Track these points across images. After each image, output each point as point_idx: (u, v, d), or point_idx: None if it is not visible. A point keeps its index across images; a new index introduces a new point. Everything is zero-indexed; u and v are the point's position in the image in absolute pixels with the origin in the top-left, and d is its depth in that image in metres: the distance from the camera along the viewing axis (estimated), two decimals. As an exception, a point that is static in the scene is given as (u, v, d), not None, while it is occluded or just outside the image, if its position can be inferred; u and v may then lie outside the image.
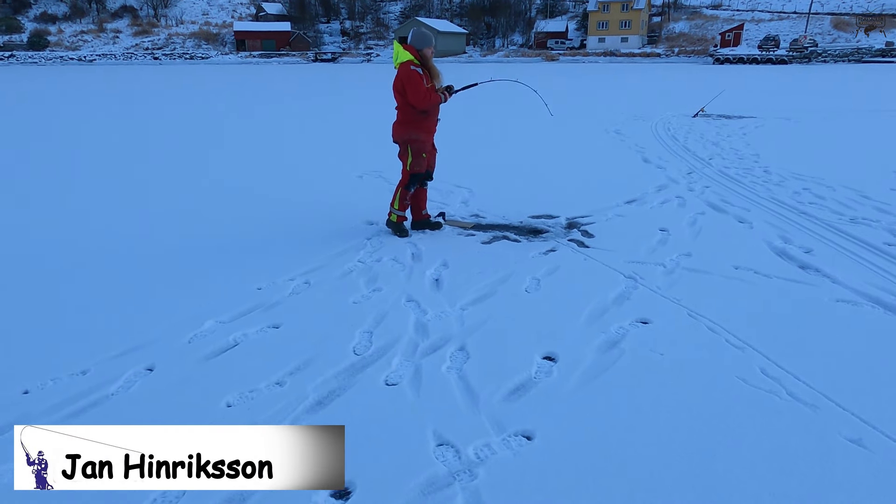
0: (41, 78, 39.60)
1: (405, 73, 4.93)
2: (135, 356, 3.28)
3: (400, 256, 4.86)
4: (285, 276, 4.44)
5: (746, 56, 60.64)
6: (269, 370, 3.12)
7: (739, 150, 9.83)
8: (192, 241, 5.33)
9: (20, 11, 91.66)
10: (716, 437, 2.57)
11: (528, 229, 5.62)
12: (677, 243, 5.15)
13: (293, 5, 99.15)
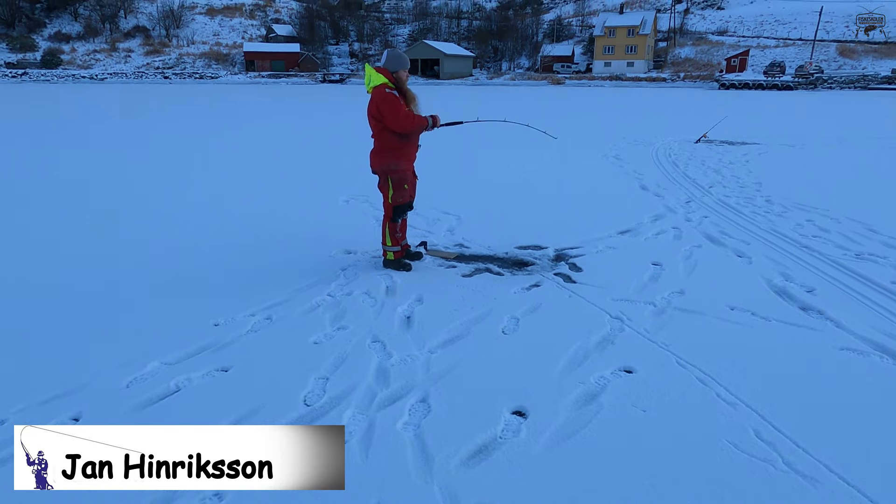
0: (36, 95, 39.96)
1: (380, 96, 4.66)
2: (62, 403, 2.98)
3: (373, 290, 4.56)
4: (247, 310, 4.15)
5: (752, 81, 60.65)
6: (206, 422, 2.81)
7: (741, 178, 9.54)
8: (149, 269, 5.04)
9: (35, 30, 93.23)
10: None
11: (514, 261, 5.32)
12: (670, 279, 4.83)
13: (303, 27, 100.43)
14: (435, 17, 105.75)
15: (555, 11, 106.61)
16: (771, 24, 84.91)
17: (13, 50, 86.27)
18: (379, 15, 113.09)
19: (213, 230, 6.35)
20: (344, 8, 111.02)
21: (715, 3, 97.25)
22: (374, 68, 4.78)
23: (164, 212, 7.17)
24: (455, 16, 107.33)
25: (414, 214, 6.86)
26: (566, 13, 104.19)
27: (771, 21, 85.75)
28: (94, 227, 6.49)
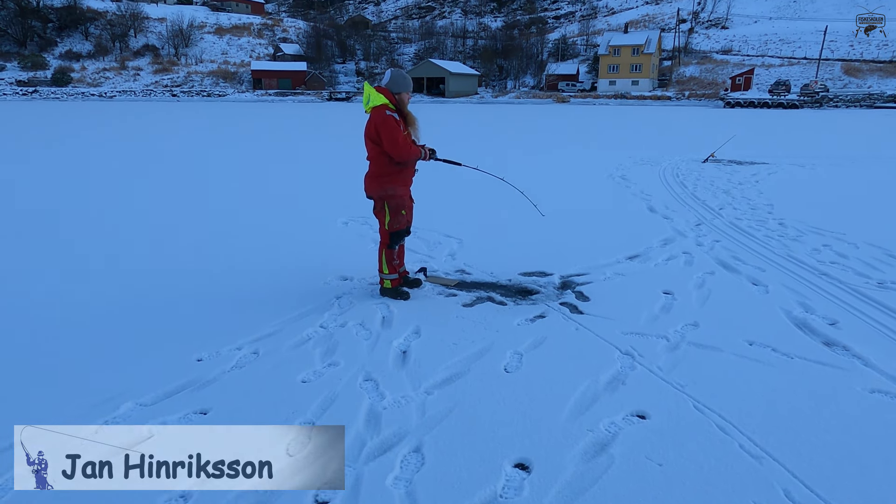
0: (35, 113, 40.23)
1: (380, 118, 4.45)
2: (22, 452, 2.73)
3: (368, 321, 4.31)
4: (233, 342, 3.90)
5: (757, 100, 60.64)
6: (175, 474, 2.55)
7: (752, 200, 9.29)
8: (135, 296, 4.80)
9: (46, 49, 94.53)
10: None
11: (517, 289, 5.07)
12: (683, 310, 4.57)
13: (310, 46, 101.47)
14: (441, 37, 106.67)
15: (560, 31, 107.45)
16: (775, 44, 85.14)
17: (24, 68, 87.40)
18: (385, 34, 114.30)
19: (203, 253, 6.14)
20: (351, 27, 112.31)
21: (719, 22, 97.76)
22: (375, 88, 4.58)
23: (151, 232, 6.97)
24: (461, 35, 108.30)
25: (414, 238, 6.66)
26: (571, 32, 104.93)
27: (775, 40, 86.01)
28: (71, 248, 6.28)
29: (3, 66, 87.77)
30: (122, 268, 5.62)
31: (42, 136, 21.22)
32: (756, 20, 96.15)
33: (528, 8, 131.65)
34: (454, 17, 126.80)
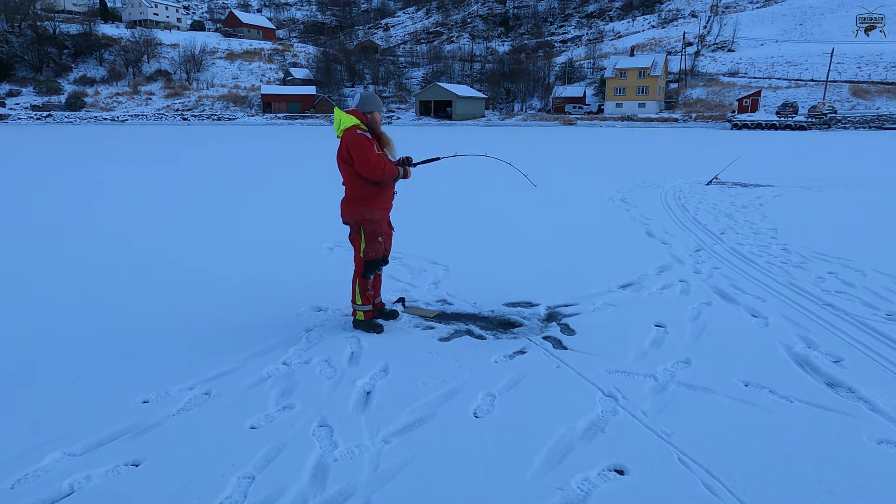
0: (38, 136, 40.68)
1: (351, 137, 4.24)
2: (-75, 511, 2.46)
3: (335, 357, 4.03)
4: (185, 381, 3.63)
5: (765, 122, 60.38)
6: (87, 543, 2.27)
7: (755, 224, 8.97)
8: (86, 327, 4.56)
9: (61, 75, 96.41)
10: None
11: (499, 321, 4.78)
12: (675, 345, 4.25)
13: (320, 71, 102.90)
14: (448, 61, 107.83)
15: (566, 54, 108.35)
16: (782, 66, 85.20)
17: (40, 93, 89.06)
18: (394, 58, 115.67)
19: (170, 280, 5.89)
20: (360, 52, 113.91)
21: (725, 45, 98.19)
22: (345, 111, 4.38)
23: (121, 255, 6.75)
24: (468, 59, 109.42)
25: (398, 265, 6.41)
26: (577, 56, 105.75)
27: (782, 62, 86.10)
28: (20, 271, 6.08)
29: (19, 91, 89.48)
30: (76, 294, 5.39)
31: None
32: (762, 43, 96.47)
33: (535, 32, 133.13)
34: (462, 42, 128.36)
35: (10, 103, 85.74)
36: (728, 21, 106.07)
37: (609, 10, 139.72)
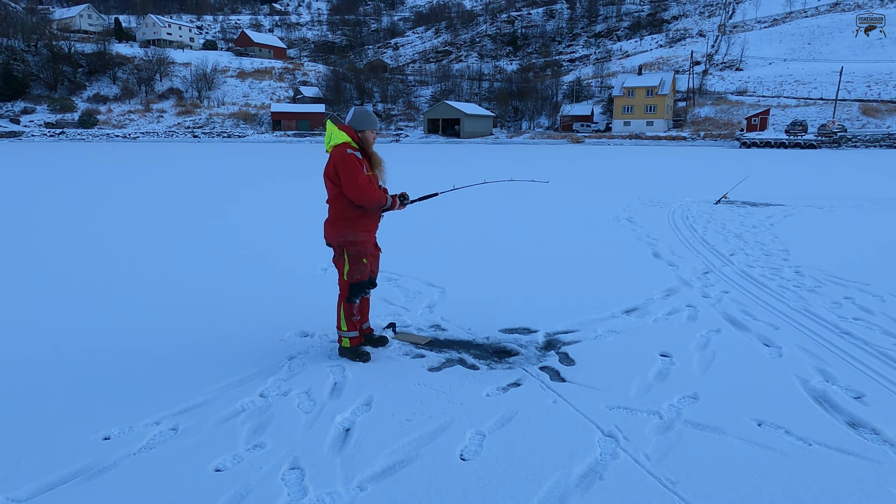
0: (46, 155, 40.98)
1: (339, 156, 4.03)
2: None
3: (316, 388, 3.77)
4: (153, 415, 3.38)
5: (774, 140, 60.06)
6: None
7: (766, 245, 8.66)
8: (52, 354, 4.32)
9: (75, 93, 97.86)
10: None
11: (494, 349, 4.51)
12: (681, 378, 3.96)
13: (329, 89, 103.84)
14: (457, 79, 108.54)
15: (574, 73, 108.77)
16: (791, 85, 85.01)
17: (53, 111, 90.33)
18: (403, 77, 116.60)
19: (152, 302, 5.67)
20: (369, 71, 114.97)
21: (734, 64, 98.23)
22: (337, 126, 4.18)
23: (101, 271, 6.55)
24: (476, 78, 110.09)
25: (393, 287, 6.16)
26: (585, 75, 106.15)
27: (791, 81, 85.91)
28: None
29: (34, 109, 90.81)
30: (44, 317, 5.17)
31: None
32: (771, 62, 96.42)
33: (543, 51, 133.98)
34: (470, 61, 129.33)
35: (24, 120, 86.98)
36: (736, 40, 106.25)
37: (617, 30, 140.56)
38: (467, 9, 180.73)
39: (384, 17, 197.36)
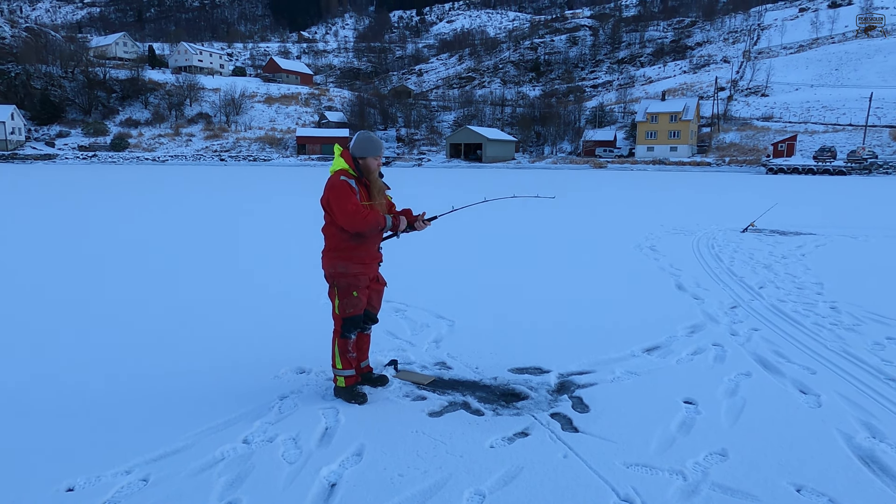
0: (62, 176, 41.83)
1: (331, 184, 3.80)
2: None
3: (304, 434, 3.47)
4: (124, 463, 3.11)
5: (802, 166, 58.90)
6: None
7: (797, 277, 8.19)
8: (20, 391, 4.09)
9: (108, 117, 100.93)
10: None
11: (502, 392, 4.16)
12: (708, 430, 3.57)
13: (353, 114, 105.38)
14: (479, 105, 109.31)
15: (597, 98, 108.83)
16: (818, 110, 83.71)
17: (87, 134, 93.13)
18: (426, 102, 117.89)
19: (145, 325, 5.45)
20: (393, 96, 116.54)
21: (759, 90, 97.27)
22: (341, 151, 3.96)
23: (88, 293, 6.37)
24: (499, 103, 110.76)
25: (401, 318, 5.88)
26: (608, 100, 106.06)
27: (818, 107, 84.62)
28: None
29: (69, 133, 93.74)
30: (27, 339, 4.98)
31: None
32: (797, 88, 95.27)
33: (565, 77, 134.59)
34: (493, 87, 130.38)
35: (59, 143, 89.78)
36: (761, 66, 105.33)
37: (640, 56, 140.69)
38: (491, 36, 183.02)
39: (409, 44, 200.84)
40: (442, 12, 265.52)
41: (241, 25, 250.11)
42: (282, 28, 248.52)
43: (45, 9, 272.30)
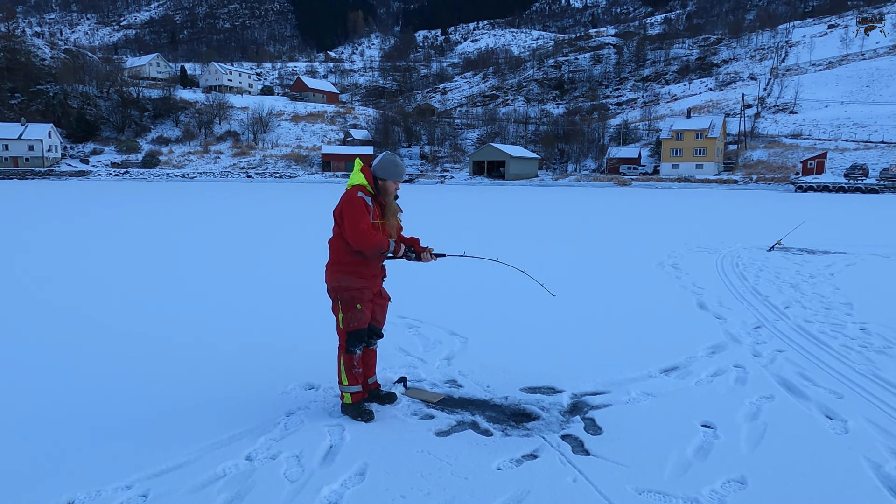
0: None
1: (347, 197, 3.78)
2: None
3: (308, 452, 3.41)
4: (125, 478, 3.09)
5: (832, 184, 57.65)
6: None
7: (825, 297, 7.91)
8: (21, 404, 4.11)
9: (140, 135, 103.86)
10: None
11: (512, 411, 4.06)
12: (726, 456, 3.41)
13: (378, 132, 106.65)
14: (503, 122, 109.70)
15: (621, 116, 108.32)
16: (849, 127, 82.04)
17: (120, 151, 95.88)
18: (450, 120, 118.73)
19: (154, 338, 5.47)
20: (418, 114, 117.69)
21: (787, 107, 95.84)
22: (363, 166, 3.94)
23: (97, 308, 6.43)
24: (523, 121, 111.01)
25: (413, 334, 5.82)
26: (633, 118, 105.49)
27: (849, 124, 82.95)
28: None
29: (102, 150, 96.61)
30: (31, 348, 5.02)
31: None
32: (827, 105, 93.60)
33: (589, 95, 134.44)
34: (517, 105, 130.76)
35: (93, 161, 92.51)
36: (789, 83, 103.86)
37: (665, 74, 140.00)
38: (515, 55, 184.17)
39: (434, 63, 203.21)
40: (466, 31, 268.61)
41: (269, 46, 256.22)
42: (309, 48, 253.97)
43: (84, 31, 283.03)
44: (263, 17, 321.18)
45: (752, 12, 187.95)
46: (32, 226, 17.03)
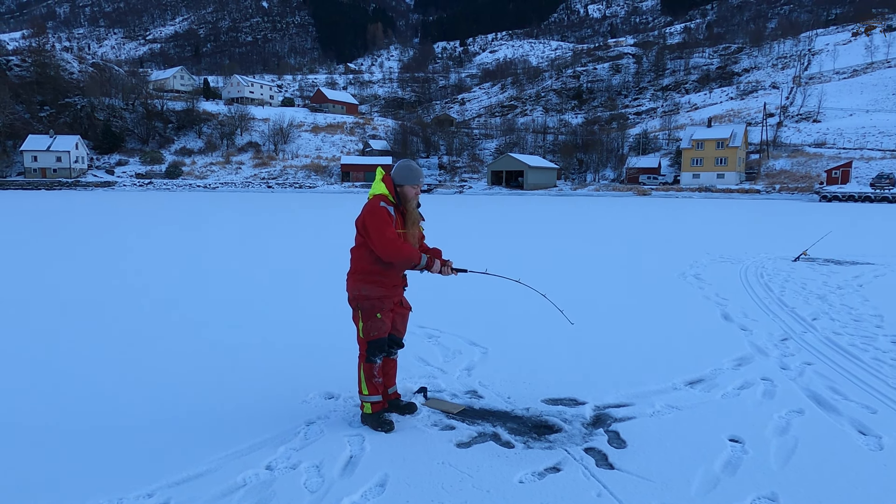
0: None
1: (369, 209, 3.79)
2: None
3: (328, 462, 3.39)
4: (146, 486, 3.09)
5: (858, 194, 56.54)
6: None
7: (854, 309, 7.71)
8: (43, 411, 4.14)
9: (164, 146, 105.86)
10: None
11: (534, 423, 4.00)
12: (755, 472, 3.32)
13: (397, 142, 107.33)
14: (521, 132, 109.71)
15: (641, 126, 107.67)
16: (875, 136, 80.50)
17: (144, 162, 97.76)
18: (468, 130, 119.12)
19: (175, 347, 5.51)
20: (436, 125, 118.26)
21: (810, 116, 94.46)
22: (384, 175, 3.96)
23: (121, 313, 6.49)
24: (541, 131, 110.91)
25: (433, 344, 5.78)
26: (652, 127, 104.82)
27: (874, 133, 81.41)
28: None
29: (127, 161, 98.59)
30: (50, 372, 5.08)
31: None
32: (851, 113, 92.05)
33: (608, 105, 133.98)
34: (535, 115, 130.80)
35: (117, 171, 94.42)
36: (812, 92, 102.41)
37: (685, 83, 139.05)
38: (533, 65, 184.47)
39: (452, 73, 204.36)
40: (485, 42, 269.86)
41: (290, 58, 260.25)
42: (329, 60, 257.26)
43: (111, 45, 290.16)
44: (285, 31, 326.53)
45: (773, 21, 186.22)
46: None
